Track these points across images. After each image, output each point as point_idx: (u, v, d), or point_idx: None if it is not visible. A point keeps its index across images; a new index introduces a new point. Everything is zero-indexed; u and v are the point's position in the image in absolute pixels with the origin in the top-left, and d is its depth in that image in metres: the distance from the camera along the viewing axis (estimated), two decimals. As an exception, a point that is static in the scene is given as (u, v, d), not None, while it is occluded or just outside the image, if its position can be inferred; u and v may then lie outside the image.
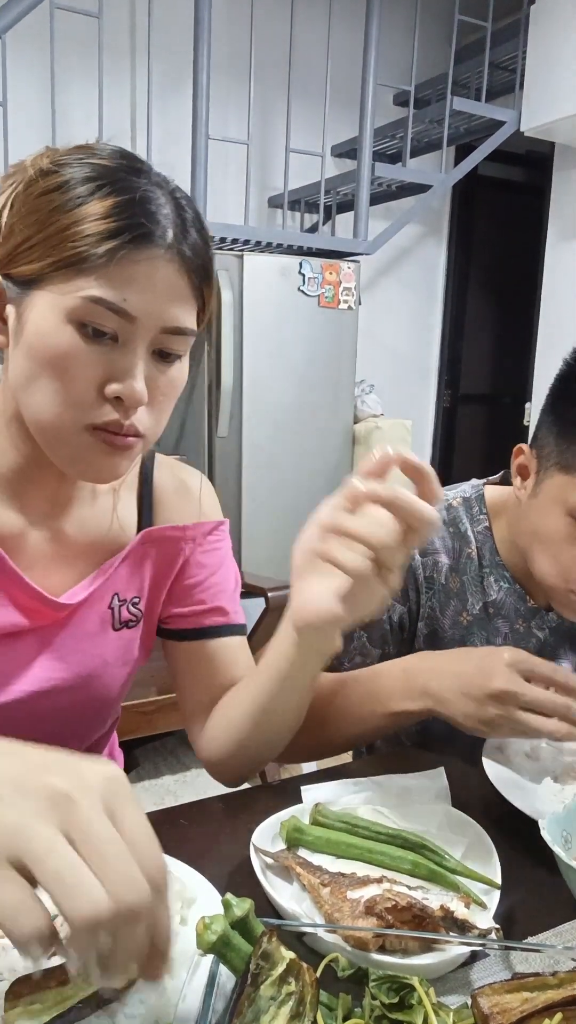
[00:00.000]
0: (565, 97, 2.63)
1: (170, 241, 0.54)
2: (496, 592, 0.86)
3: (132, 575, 0.69)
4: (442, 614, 0.85)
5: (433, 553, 0.84)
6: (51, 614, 0.64)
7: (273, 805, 0.61)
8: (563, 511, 0.74)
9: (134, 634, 0.70)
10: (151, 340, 0.56)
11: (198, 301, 0.58)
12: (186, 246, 0.55)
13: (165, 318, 0.55)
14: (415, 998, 0.41)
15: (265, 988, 0.39)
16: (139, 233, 0.53)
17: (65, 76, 2.34)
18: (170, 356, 0.58)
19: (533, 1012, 0.41)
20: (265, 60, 2.60)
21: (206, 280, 0.58)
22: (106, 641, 0.68)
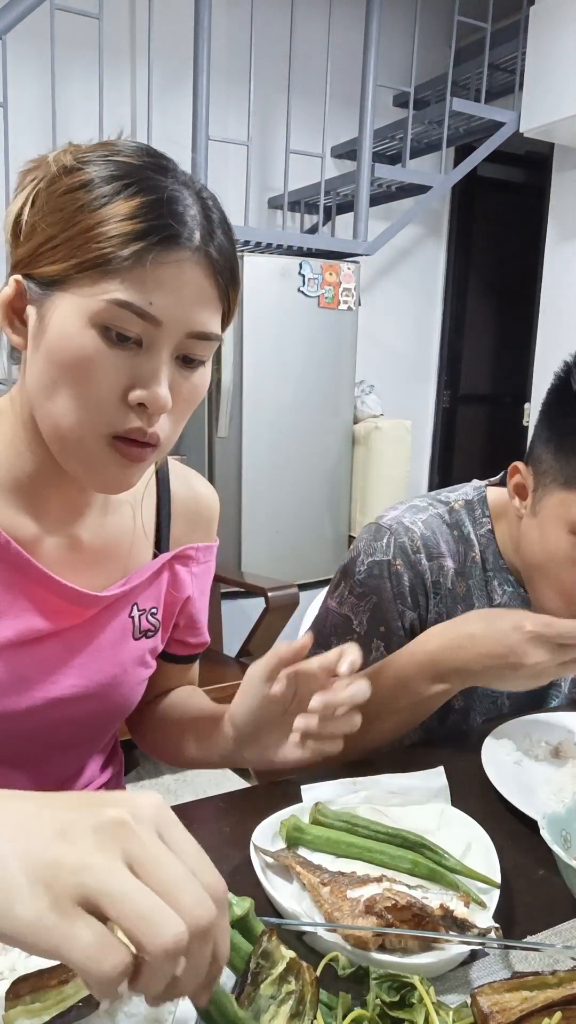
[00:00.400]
0: (565, 98, 2.63)
1: (197, 243, 0.52)
2: (500, 596, 0.85)
3: (150, 585, 0.69)
4: (448, 618, 0.83)
5: (439, 557, 0.83)
6: (78, 613, 0.63)
7: (273, 804, 0.61)
8: (565, 528, 0.72)
9: (153, 644, 0.70)
10: (176, 345, 0.54)
11: (223, 305, 0.56)
12: (213, 248, 0.54)
13: (191, 323, 0.53)
14: (415, 997, 0.41)
15: (265, 987, 0.39)
16: (166, 235, 0.51)
17: (65, 77, 2.34)
18: (194, 362, 0.56)
19: (532, 1011, 0.41)
20: (265, 61, 2.60)
21: (232, 283, 0.56)
22: (127, 650, 0.68)
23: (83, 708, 0.66)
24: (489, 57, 2.82)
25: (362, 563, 0.83)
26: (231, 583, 2.26)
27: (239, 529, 2.63)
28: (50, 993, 0.42)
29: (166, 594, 0.71)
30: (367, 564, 0.82)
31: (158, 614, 0.70)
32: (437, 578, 0.82)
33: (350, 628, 0.81)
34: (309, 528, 2.75)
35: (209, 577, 0.76)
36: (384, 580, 0.81)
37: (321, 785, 0.63)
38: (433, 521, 0.84)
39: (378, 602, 0.81)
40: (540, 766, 0.71)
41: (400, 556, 0.81)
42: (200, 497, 0.75)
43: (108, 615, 0.66)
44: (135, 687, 0.70)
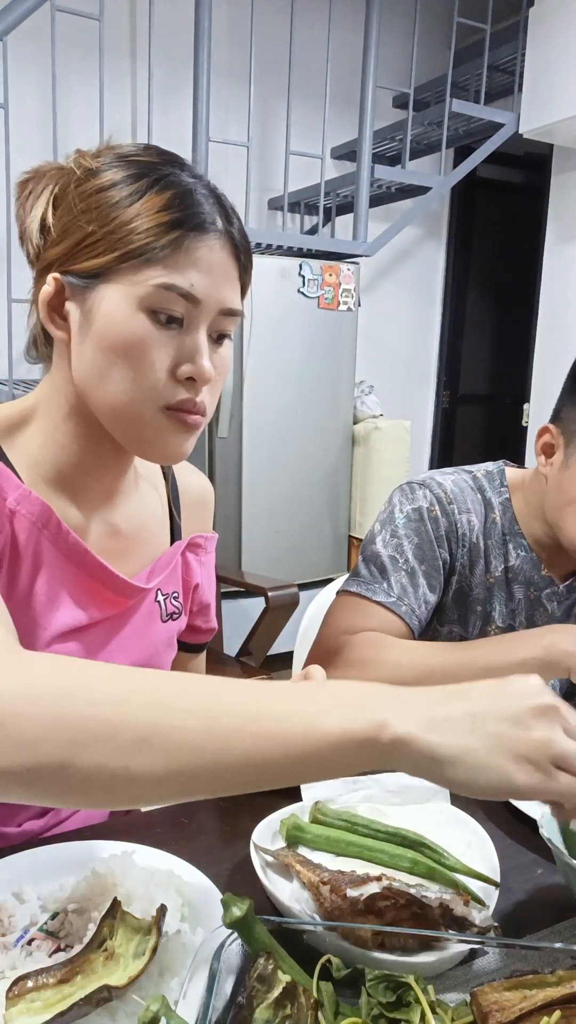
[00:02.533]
0: (564, 99, 2.63)
1: (221, 227, 0.58)
2: (515, 559, 0.90)
3: (172, 571, 0.73)
4: (471, 572, 0.89)
5: (466, 512, 0.89)
6: (121, 602, 0.67)
7: (273, 803, 0.61)
8: None
9: (178, 625, 0.75)
10: (211, 322, 0.59)
11: (243, 281, 0.62)
12: (234, 230, 0.59)
13: (223, 300, 0.59)
14: (412, 996, 0.41)
15: (260, 1011, 0.39)
16: (197, 222, 0.56)
17: (66, 78, 2.34)
18: (223, 337, 0.61)
19: (532, 1010, 0.41)
20: (265, 63, 2.60)
21: (249, 262, 0.62)
22: (156, 632, 0.71)
23: None
24: (488, 58, 2.83)
25: (401, 511, 0.89)
26: (231, 583, 2.26)
27: (239, 529, 2.62)
28: (50, 992, 0.42)
29: (184, 579, 0.75)
30: (407, 511, 0.89)
31: (179, 598, 0.74)
32: (465, 530, 0.89)
33: (398, 565, 0.86)
34: (309, 528, 2.75)
35: (213, 566, 0.80)
36: (423, 524, 0.88)
37: (321, 784, 0.63)
38: (460, 481, 0.92)
39: (419, 542, 0.87)
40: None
41: (437, 504, 0.89)
42: (202, 488, 0.80)
43: (142, 601, 0.70)
44: (167, 667, 0.74)
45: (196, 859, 0.54)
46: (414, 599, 0.85)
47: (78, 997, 0.41)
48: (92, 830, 0.62)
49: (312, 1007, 0.39)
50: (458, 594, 0.90)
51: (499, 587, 0.90)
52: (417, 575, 0.86)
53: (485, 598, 0.90)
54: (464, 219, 3.70)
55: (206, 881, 0.52)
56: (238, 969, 0.42)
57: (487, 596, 0.90)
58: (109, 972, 0.43)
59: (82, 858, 0.54)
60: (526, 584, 0.91)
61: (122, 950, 0.44)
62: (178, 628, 0.75)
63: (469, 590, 0.90)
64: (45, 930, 0.49)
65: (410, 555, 0.86)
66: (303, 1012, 0.39)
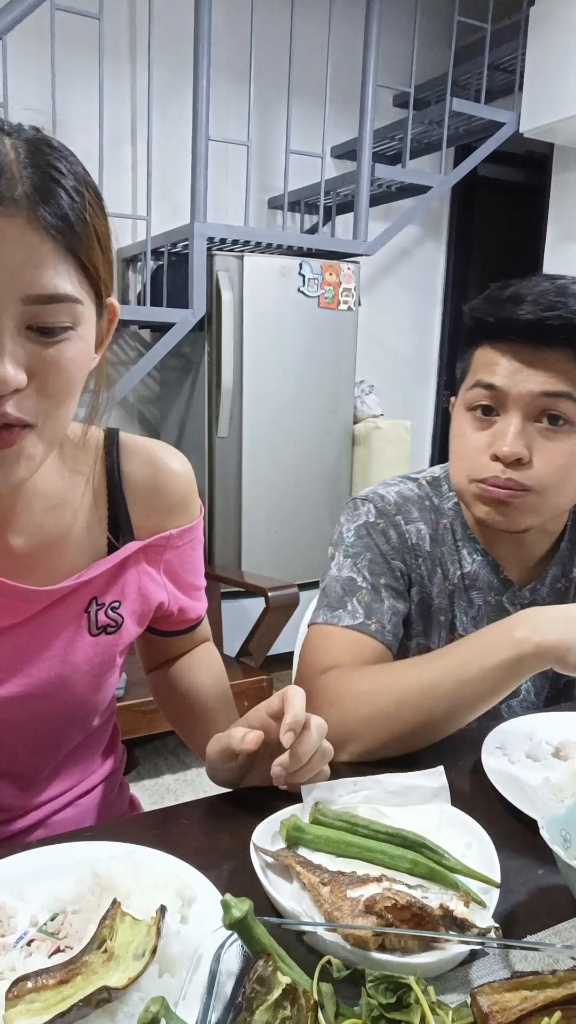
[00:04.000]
0: (565, 98, 2.63)
1: (14, 196, 0.47)
2: (470, 564, 0.88)
3: (113, 579, 0.67)
4: (430, 582, 0.87)
5: (414, 521, 0.88)
6: (19, 609, 0.62)
7: (273, 804, 0.61)
8: (464, 411, 0.82)
9: (114, 639, 0.68)
10: (17, 315, 0.48)
11: (75, 260, 0.50)
12: (39, 200, 0.48)
13: (23, 287, 0.48)
14: (412, 997, 0.41)
15: (260, 1013, 0.39)
16: None
17: (65, 77, 2.34)
18: (53, 330, 0.50)
19: (532, 1011, 0.41)
20: (265, 61, 2.60)
21: (77, 238, 0.50)
22: (79, 648, 0.66)
23: (40, 708, 0.65)
24: (489, 57, 2.82)
25: (348, 530, 0.88)
26: (231, 583, 2.26)
27: (239, 529, 2.63)
28: (50, 993, 0.42)
29: (138, 587, 0.68)
30: (353, 529, 0.87)
31: (121, 608, 0.67)
32: (416, 540, 0.87)
33: (356, 585, 0.84)
34: (309, 528, 2.75)
35: (194, 554, 0.74)
36: (371, 539, 0.86)
37: (321, 784, 0.63)
38: (404, 491, 0.90)
39: (372, 557, 0.85)
40: (540, 766, 0.71)
41: (381, 517, 0.87)
42: (166, 475, 0.70)
43: (57, 612, 0.64)
44: (92, 687, 0.68)
45: (196, 860, 0.54)
46: (380, 615, 0.82)
47: (78, 998, 0.41)
48: (92, 830, 0.62)
49: (312, 1008, 0.39)
50: (420, 605, 0.87)
51: (458, 595, 0.88)
52: (379, 590, 0.83)
53: (447, 607, 0.88)
54: (465, 218, 3.69)
55: (206, 882, 0.52)
56: (238, 970, 0.42)
57: (448, 604, 0.88)
58: (109, 973, 0.43)
59: (82, 859, 0.54)
60: (485, 589, 0.88)
61: (122, 951, 0.44)
62: (114, 642, 0.68)
63: (431, 600, 0.87)
64: (45, 931, 0.49)
65: (367, 572, 0.84)
66: (303, 1013, 0.39)
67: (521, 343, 0.76)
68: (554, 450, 0.77)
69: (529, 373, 0.76)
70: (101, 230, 0.52)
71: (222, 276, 2.45)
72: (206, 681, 0.79)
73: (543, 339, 0.75)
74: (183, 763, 2.22)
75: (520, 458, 0.76)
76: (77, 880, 0.52)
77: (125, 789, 0.85)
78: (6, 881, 0.53)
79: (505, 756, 0.72)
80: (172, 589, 0.73)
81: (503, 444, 0.76)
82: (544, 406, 0.76)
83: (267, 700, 0.63)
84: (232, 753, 0.63)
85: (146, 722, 1.88)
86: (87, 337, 0.53)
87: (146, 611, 0.71)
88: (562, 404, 0.76)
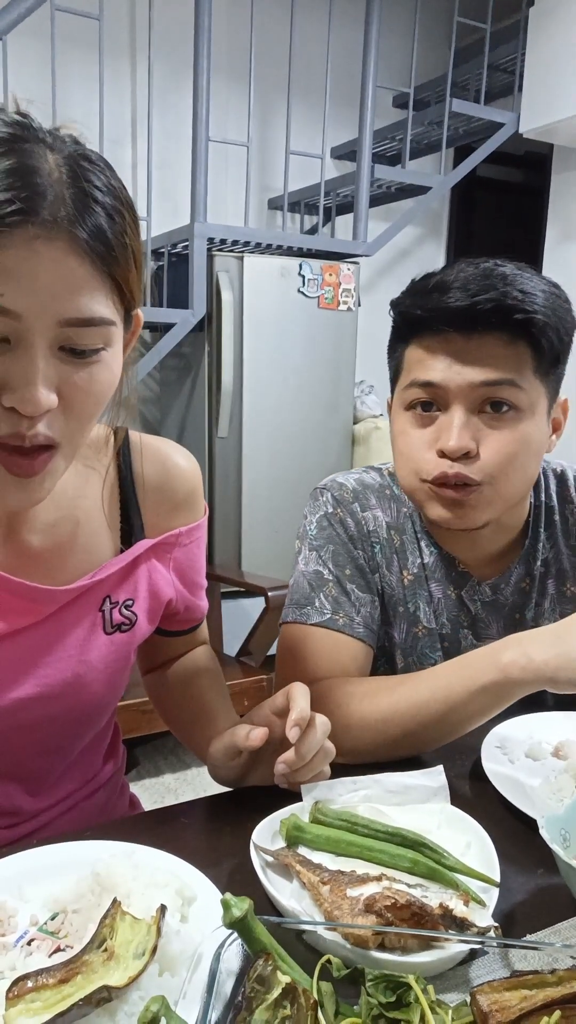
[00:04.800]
0: (564, 99, 2.63)
1: (53, 216, 0.46)
2: (428, 556, 0.87)
3: (125, 577, 0.67)
4: (388, 570, 0.86)
5: (371, 508, 0.87)
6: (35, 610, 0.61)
7: (273, 803, 0.61)
8: (402, 410, 0.79)
9: (128, 637, 0.68)
10: (51, 337, 0.48)
11: (110, 283, 0.50)
12: (79, 222, 0.47)
13: (60, 310, 0.47)
14: (412, 996, 0.41)
15: (260, 1013, 0.39)
16: (10, 211, 0.44)
17: (66, 78, 2.34)
18: (86, 352, 0.50)
19: (532, 1010, 0.41)
20: (265, 62, 2.60)
21: (114, 261, 0.49)
22: (94, 647, 0.66)
23: (55, 707, 0.65)
24: (488, 58, 2.83)
25: (311, 523, 0.88)
26: (231, 583, 2.26)
27: (239, 529, 2.63)
28: (50, 992, 0.42)
29: (149, 585, 0.69)
30: (315, 521, 0.87)
31: (134, 606, 0.67)
32: (373, 527, 0.86)
33: (323, 579, 0.83)
34: (309, 528, 2.75)
35: (199, 552, 0.75)
36: (332, 529, 0.86)
37: (321, 784, 0.63)
38: (363, 479, 0.90)
39: (335, 549, 0.85)
40: (540, 765, 0.71)
41: (339, 506, 0.87)
42: (174, 473, 0.71)
43: (72, 612, 0.64)
44: (108, 686, 0.68)
45: (196, 859, 0.54)
46: (348, 607, 0.81)
47: (78, 997, 0.41)
48: (92, 830, 0.62)
49: (312, 1007, 0.39)
50: (382, 595, 0.86)
51: (419, 585, 0.86)
52: (343, 581, 0.82)
53: (406, 597, 0.86)
54: (464, 219, 3.69)
55: (206, 881, 0.52)
56: (238, 969, 0.42)
57: (407, 595, 0.86)
58: (109, 972, 0.43)
59: (82, 858, 0.54)
60: (443, 582, 0.87)
61: (122, 950, 0.44)
62: (128, 640, 0.68)
63: (391, 589, 0.86)
64: (45, 930, 0.49)
65: (331, 565, 0.83)
66: (302, 1012, 0.39)
67: (453, 332, 0.73)
68: (501, 439, 0.74)
69: (466, 364, 0.73)
70: (136, 248, 0.52)
71: (222, 276, 2.45)
72: (205, 683, 0.79)
73: (476, 325, 0.72)
74: (183, 762, 2.22)
75: (468, 451, 0.74)
76: (77, 879, 0.52)
77: (126, 789, 0.85)
78: (6, 880, 0.53)
79: (505, 756, 0.72)
80: (179, 587, 0.73)
81: (448, 439, 0.73)
82: (486, 395, 0.73)
83: (271, 698, 0.64)
84: (236, 751, 0.63)
85: (146, 722, 1.88)
86: (116, 357, 0.53)
87: (157, 608, 0.71)
88: (504, 391, 0.73)
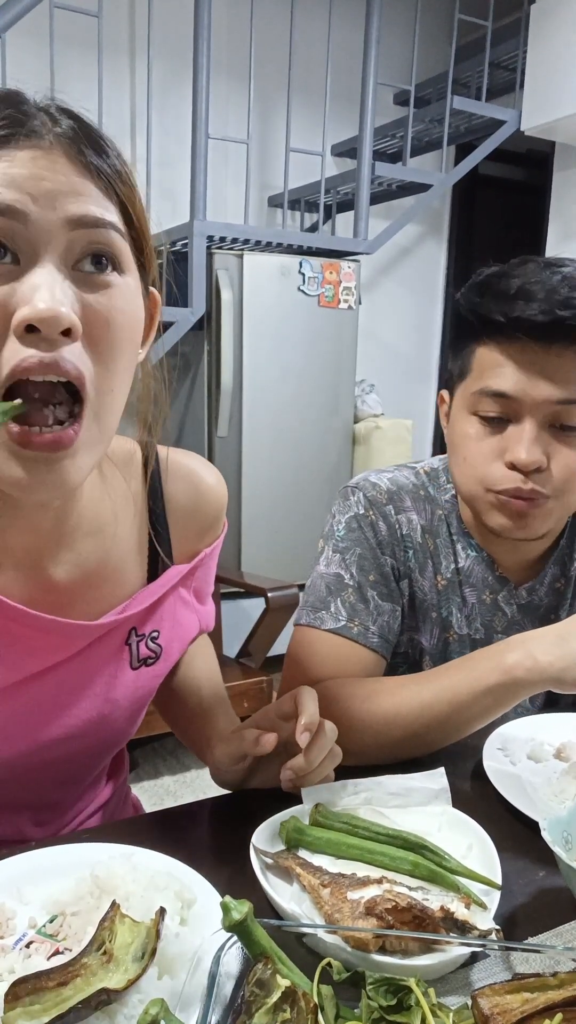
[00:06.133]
0: (566, 96, 2.63)
1: (52, 132, 0.46)
2: (464, 560, 0.85)
3: (152, 608, 0.64)
4: (421, 575, 0.85)
5: (406, 511, 0.85)
6: (64, 645, 0.58)
7: (273, 806, 0.61)
8: (468, 413, 0.77)
9: (155, 671, 0.65)
10: (63, 247, 0.45)
11: (119, 205, 0.48)
12: (78, 138, 0.46)
13: (66, 209, 0.44)
14: (413, 999, 0.41)
15: (259, 1017, 0.38)
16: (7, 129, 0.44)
17: (65, 75, 2.33)
18: (100, 260, 0.46)
19: (533, 1013, 0.40)
20: (265, 59, 2.60)
21: (121, 180, 0.48)
22: (121, 684, 0.63)
23: (75, 746, 0.63)
24: (490, 55, 2.82)
25: (339, 523, 0.85)
26: (231, 583, 2.25)
27: (239, 529, 2.62)
28: (49, 995, 0.42)
29: (175, 613, 0.66)
30: (344, 521, 0.85)
31: (160, 638, 0.65)
32: (407, 531, 0.84)
33: (343, 583, 0.82)
34: (309, 528, 2.75)
35: (214, 565, 0.73)
36: (361, 532, 0.83)
37: (321, 786, 0.63)
38: (398, 479, 0.87)
39: (362, 552, 0.83)
40: (542, 767, 0.71)
41: (371, 508, 0.84)
42: (204, 494, 0.68)
43: (99, 648, 0.61)
44: (131, 720, 0.67)
45: (195, 862, 0.54)
46: (365, 616, 0.80)
47: (77, 1000, 0.41)
48: (91, 833, 0.62)
49: (312, 1011, 0.39)
50: (412, 600, 0.84)
51: (452, 591, 0.85)
52: (365, 589, 0.80)
53: (439, 603, 0.85)
54: (465, 217, 3.69)
55: (205, 884, 0.52)
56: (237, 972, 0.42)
57: (441, 600, 0.85)
58: (108, 975, 0.43)
59: (81, 860, 0.54)
60: (480, 587, 0.85)
61: (121, 953, 0.44)
62: (155, 674, 0.65)
63: (422, 594, 0.84)
64: (44, 933, 0.49)
65: (354, 569, 0.81)
66: (302, 1016, 0.39)
67: (532, 342, 0.71)
68: (570, 455, 0.74)
69: (542, 378, 0.71)
70: (139, 201, 0.50)
71: (222, 275, 2.44)
72: (202, 675, 0.77)
73: (556, 339, 0.70)
74: (183, 764, 2.22)
75: (540, 466, 0.73)
76: (76, 882, 0.52)
77: (129, 795, 0.84)
78: (5, 883, 0.52)
79: (507, 757, 0.72)
80: (198, 606, 0.72)
81: (521, 452, 0.72)
82: (558, 413, 0.72)
83: (277, 701, 0.62)
84: (242, 755, 0.62)
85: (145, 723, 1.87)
86: (134, 292, 0.50)
87: (182, 639, 0.68)
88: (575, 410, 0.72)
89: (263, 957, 0.41)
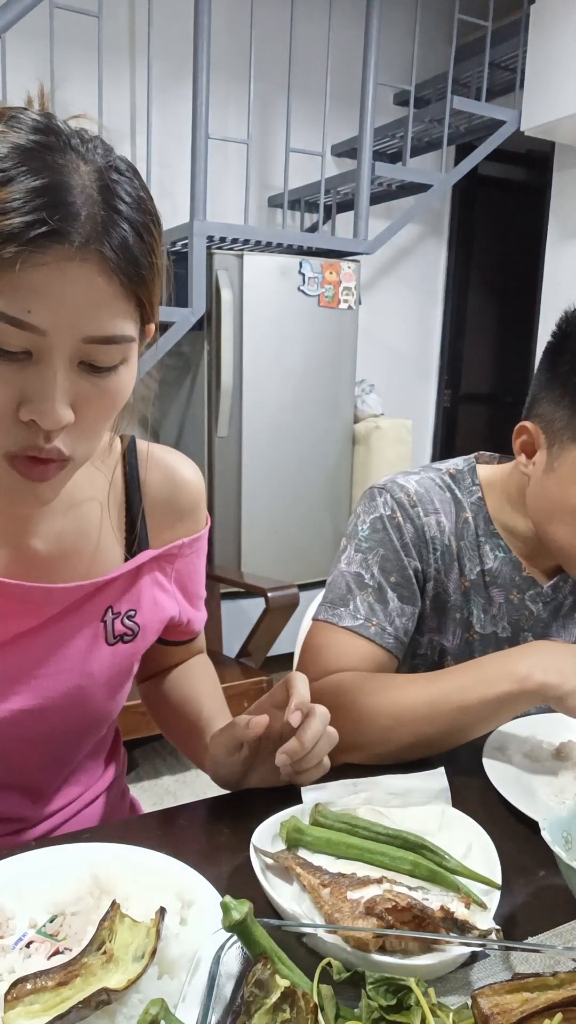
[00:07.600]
0: (565, 96, 2.63)
1: (85, 237, 0.46)
2: (492, 560, 0.86)
3: (127, 588, 0.66)
4: (446, 577, 0.85)
5: (434, 513, 0.85)
6: (32, 612, 0.60)
7: (273, 806, 0.61)
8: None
9: (132, 648, 0.67)
10: (72, 352, 0.48)
11: (132, 301, 0.50)
12: (109, 243, 0.47)
13: (84, 328, 0.47)
14: (413, 999, 0.41)
15: (259, 1017, 0.38)
16: (39, 233, 0.44)
17: (65, 75, 2.33)
18: (103, 369, 0.50)
19: (533, 1012, 0.40)
20: (265, 59, 2.60)
21: (141, 280, 0.49)
22: (96, 658, 0.65)
23: (57, 719, 0.64)
24: (490, 55, 2.82)
25: (363, 522, 0.85)
26: (231, 583, 2.25)
27: (239, 529, 2.62)
28: (49, 995, 0.42)
29: (152, 596, 0.68)
30: (369, 522, 0.85)
31: (136, 617, 0.67)
32: (434, 533, 0.84)
33: (363, 582, 0.82)
34: (309, 528, 2.75)
35: (199, 563, 0.74)
36: (387, 533, 0.83)
37: (321, 786, 0.63)
38: (425, 481, 0.87)
39: (385, 554, 0.83)
40: (542, 767, 0.71)
41: (399, 510, 0.84)
42: (180, 484, 0.71)
43: (73, 621, 0.63)
44: (110, 697, 0.68)
45: (196, 862, 0.54)
46: (383, 616, 0.80)
47: (77, 1000, 0.41)
48: (91, 833, 0.62)
49: (312, 1011, 0.39)
50: (435, 601, 0.85)
51: (476, 592, 0.86)
52: (385, 590, 0.81)
53: (462, 604, 0.85)
54: (465, 217, 3.69)
55: (205, 884, 0.52)
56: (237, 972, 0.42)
57: (464, 602, 0.85)
58: (108, 975, 0.43)
59: (81, 860, 0.54)
60: (507, 587, 0.86)
61: (121, 953, 0.44)
62: (131, 651, 0.67)
63: (446, 596, 0.85)
64: (44, 933, 0.49)
65: (376, 570, 0.82)
66: (302, 1016, 0.39)
67: None
68: None
69: None
70: (160, 265, 0.52)
71: (222, 275, 2.44)
72: (203, 692, 0.78)
73: None
74: (182, 764, 2.22)
75: None
76: (76, 882, 0.52)
77: (127, 793, 0.85)
78: (5, 883, 0.52)
79: (506, 757, 0.72)
80: (181, 599, 0.73)
81: None
82: None
83: (270, 692, 0.64)
84: (237, 744, 0.63)
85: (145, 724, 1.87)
86: (132, 369, 0.54)
87: (160, 620, 0.70)
88: None
89: (263, 957, 0.41)
